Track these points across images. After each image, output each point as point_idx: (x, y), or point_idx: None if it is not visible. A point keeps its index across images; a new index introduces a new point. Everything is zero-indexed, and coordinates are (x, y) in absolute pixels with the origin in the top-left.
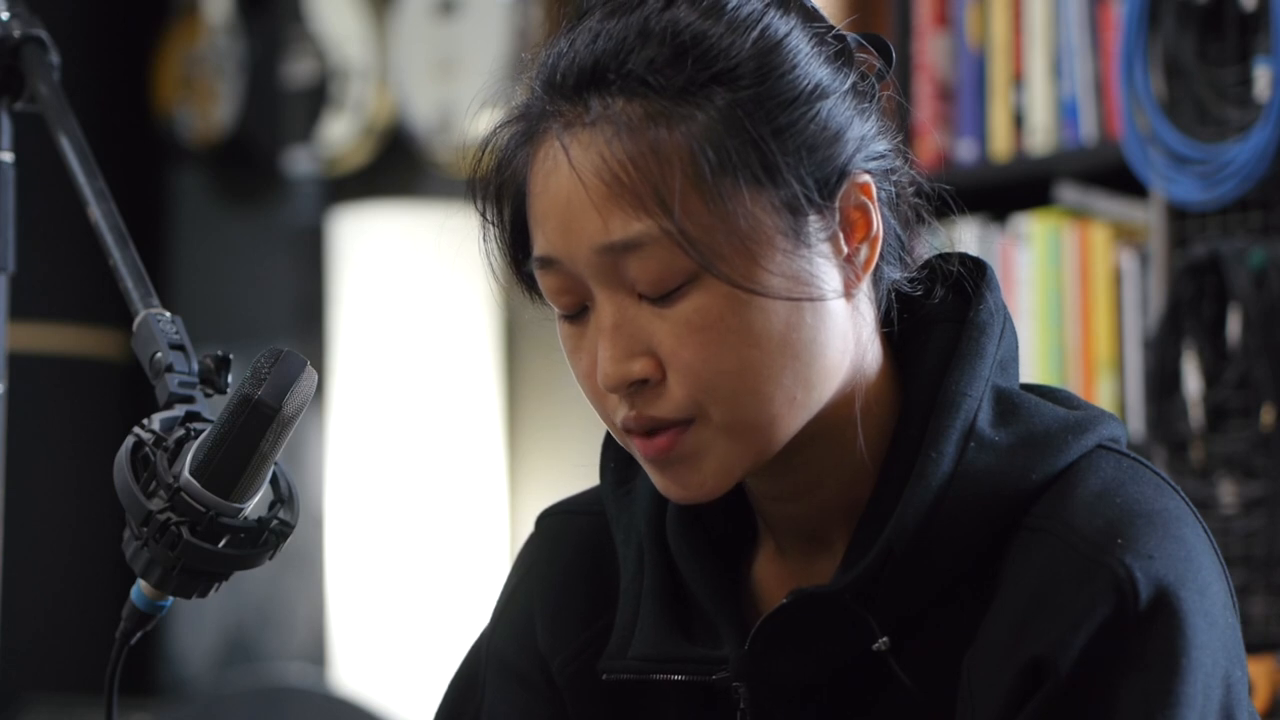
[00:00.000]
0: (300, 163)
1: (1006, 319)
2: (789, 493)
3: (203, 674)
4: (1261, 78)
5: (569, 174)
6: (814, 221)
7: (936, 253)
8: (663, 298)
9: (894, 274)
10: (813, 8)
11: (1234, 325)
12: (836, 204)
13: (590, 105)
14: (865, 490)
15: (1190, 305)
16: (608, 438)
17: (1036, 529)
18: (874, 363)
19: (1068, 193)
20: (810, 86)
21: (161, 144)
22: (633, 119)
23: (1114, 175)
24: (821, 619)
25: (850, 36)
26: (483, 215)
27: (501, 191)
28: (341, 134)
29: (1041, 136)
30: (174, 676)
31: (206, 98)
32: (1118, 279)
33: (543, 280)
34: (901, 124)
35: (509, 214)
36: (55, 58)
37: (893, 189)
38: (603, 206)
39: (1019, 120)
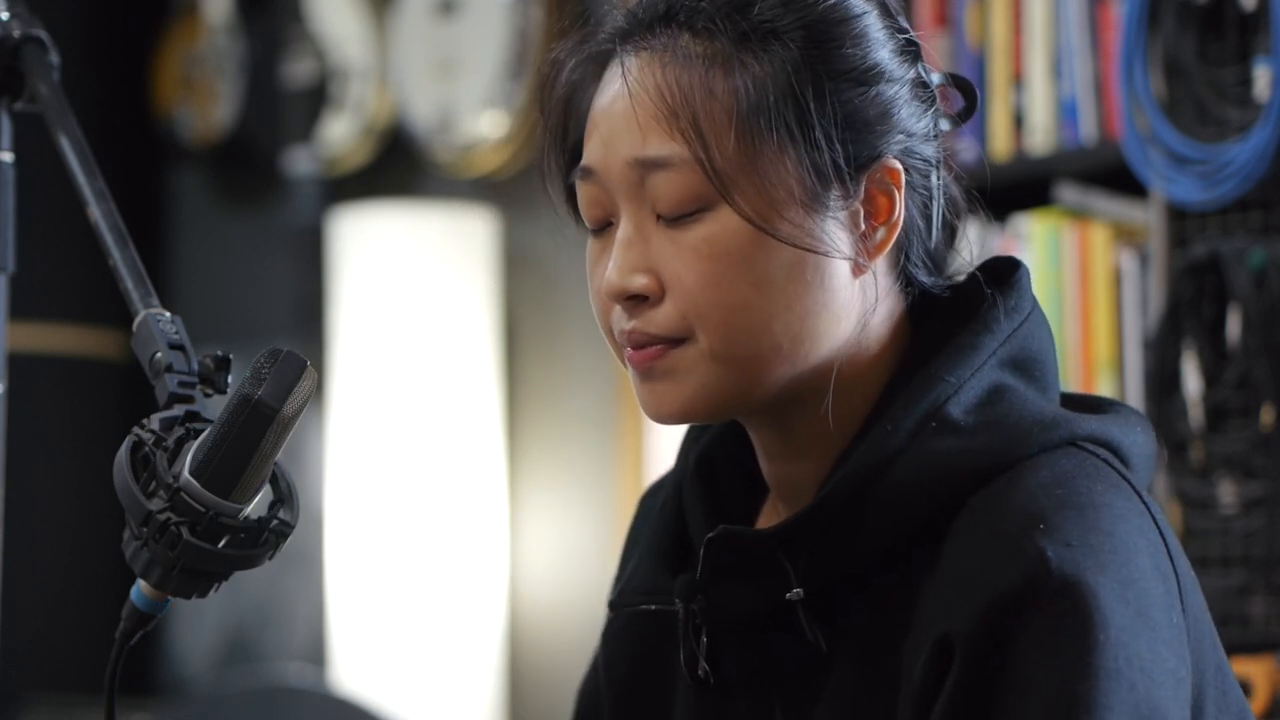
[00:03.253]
0: (300, 163)
1: (1027, 320)
2: (781, 451)
3: (203, 674)
4: (1261, 78)
5: (622, 89)
6: (836, 189)
7: (971, 254)
8: (677, 220)
9: (920, 274)
10: (893, 6)
11: (1234, 325)
12: (863, 181)
13: (658, 34)
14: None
15: (1190, 305)
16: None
17: (974, 509)
18: (875, 344)
19: (1067, 193)
20: (866, 66)
21: (161, 144)
22: (691, 53)
23: (1114, 175)
24: (754, 560)
25: (938, 73)
26: (547, 130)
27: (568, 108)
28: (341, 134)
29: (1041, 136)
30: (174, 676)
31: (206, 98)
32: (1118, 279)
33: (581, 192)
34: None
35: (573, 135)
36: (55, 58)
37: (928, 193)
38: (645, 122)
39: (1019, 120)
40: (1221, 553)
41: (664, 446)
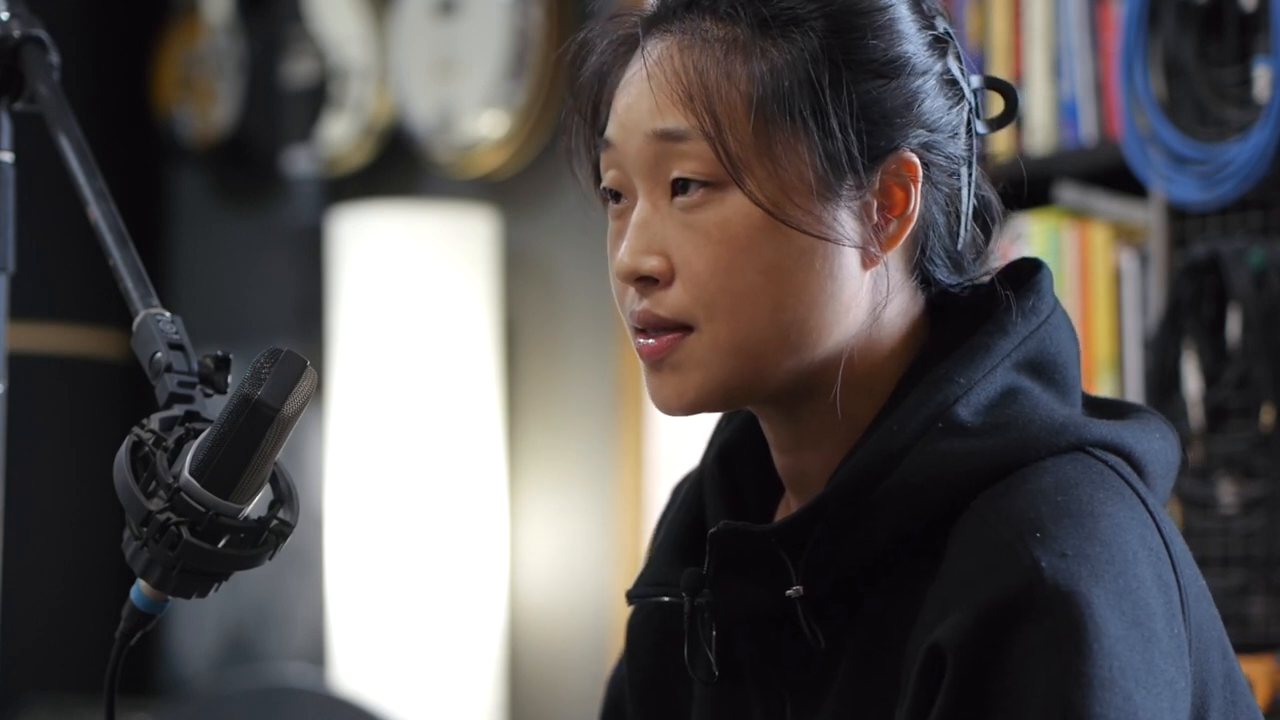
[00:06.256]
0: (300, 163)
1: (1046, 323)
2: (792, 444)
3: (203, 674)
4: (1261, 78)
5: (642, 70)
6: (849, 179)
7: (997, 256)
8: (690, 199)
9: (939, 272)
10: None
11: (1234, 325)
12: (878, 173)
13: (681, 19)
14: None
15: (1190, 305)
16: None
17: (975, 511)
18: (889, 340)
19: (1067, 193)
20: (889, 58)
21: (161, 144)
22: (710, 37)
23: (1114, 175)
24: (757, 556)
25: (976, 76)
26: (576, 111)
27: (597, 90)
28: (341, 134)
29: (1041, 136)
30: (174, 676)
31: (206, 98)
32: (1117, 279)
33: (602, 165)
34: None
35: (602, 116)
36: (55, 58)
37: (951, 190)
38: (661, 98)
39: (1019, 120)
40: (1221, 553)
41: (664, 446)
